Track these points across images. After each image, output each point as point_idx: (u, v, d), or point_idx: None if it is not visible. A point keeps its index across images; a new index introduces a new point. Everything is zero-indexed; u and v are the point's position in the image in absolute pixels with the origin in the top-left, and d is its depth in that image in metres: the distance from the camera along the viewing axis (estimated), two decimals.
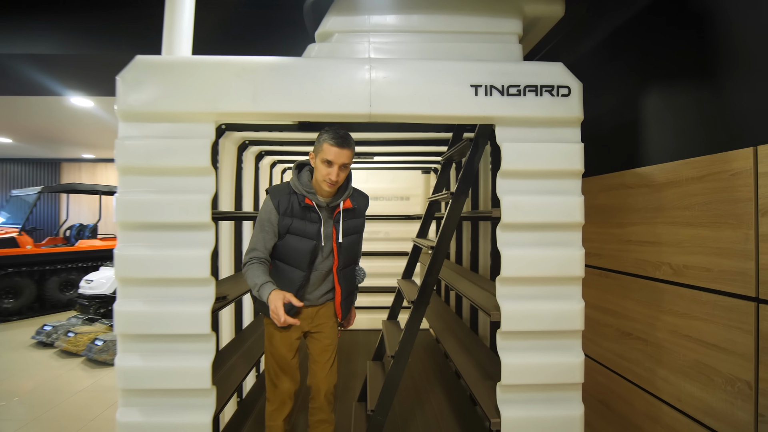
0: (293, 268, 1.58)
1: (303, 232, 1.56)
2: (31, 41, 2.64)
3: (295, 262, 1.58)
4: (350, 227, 1.66)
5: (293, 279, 1.58)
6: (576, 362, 1.53)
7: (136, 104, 1.45)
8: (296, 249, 1.57)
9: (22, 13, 2.64)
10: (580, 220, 1.54)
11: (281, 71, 1.46)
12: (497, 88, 1.49)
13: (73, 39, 2.65)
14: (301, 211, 1.56)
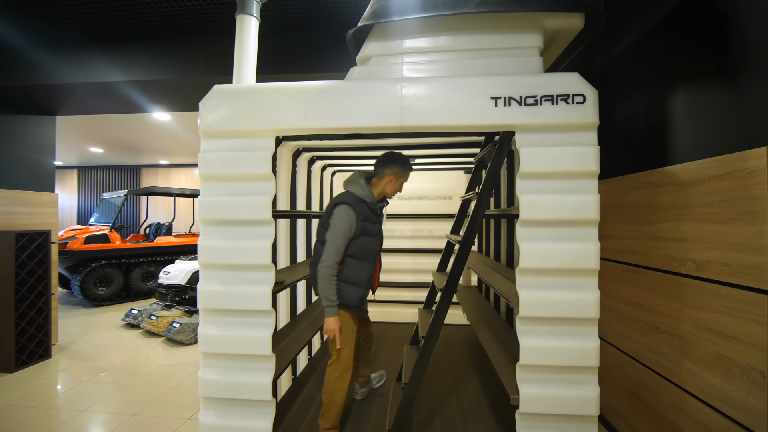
0: (365, 261, 1.99)
1: (371, 231, 1.99)
2: (129, 70, 3.21)
3: (367, 256, 1.99)
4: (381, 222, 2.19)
5: (365, 269, 1.99)
6: (591, 347, 1.65)
7: (213, 124, 1.82)
8: (366, 247, 1.97)
9: (121, 45, 3.22)
10: (596, 217, 1.66)
11: (326, 93, 1.75)
12: (515, 99, 1.66)
13: (161, 66, 3.18)
14: (370, 215, 1.99)
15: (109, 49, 3.23)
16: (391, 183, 2.05)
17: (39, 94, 3.53)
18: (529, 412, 1.69)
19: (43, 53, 3.29)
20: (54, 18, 2.79)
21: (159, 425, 2.61)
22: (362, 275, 1.96)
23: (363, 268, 1.97)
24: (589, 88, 1.64)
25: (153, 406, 2.90)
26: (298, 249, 3.18)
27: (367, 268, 1.98)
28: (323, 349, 3.45)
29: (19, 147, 3.85)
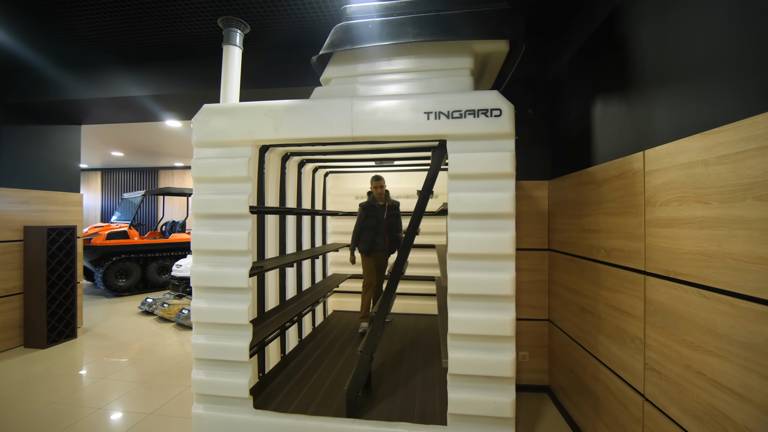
0: (371, 231, 3.70)
1: (372, 216, 3.71)
2: (142, 85, 3.69)
3: (371, 228, 3.71)
4: (390, 214, 3.75)
5: (369, 236, 3.70)
6: (507, 319, 1.99)
7: (203, 136, 2.24)
8: (371, 224, 3.70)
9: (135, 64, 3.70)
10: (511, 211, 1.99)
11: (292, 110, 2.14)
12: (444, 113, 2.02)
13: (169, 82, 3.65)
14: (371, 210, 3.71)
15: (125, 67, 3.72)
16: (372, 190, 3.74)
17: (66, 108, 4.06)
18: (457, 373, 2.03)
19: (68, 72, 3.80)
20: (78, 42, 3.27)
21: (165, 391, 3.06)
22: (369, 238, 3.69)
23: (368, 234, 3.69)
24: (506, 104, 1.98)
25: (161, 376, 3.35)
26: (287, 241, 3.58)
27: (371, 235, 3.68)
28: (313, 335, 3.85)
29: (50, 153, 4.40)
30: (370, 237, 3.65)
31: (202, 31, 3.09)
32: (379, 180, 3.69)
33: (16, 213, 3.99)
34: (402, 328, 4.01)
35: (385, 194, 3.72)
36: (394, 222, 3.78)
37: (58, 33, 3.14)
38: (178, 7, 2.72)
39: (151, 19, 2.91)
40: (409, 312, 4.57)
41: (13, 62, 3.70)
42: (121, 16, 2.87)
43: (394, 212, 3.78)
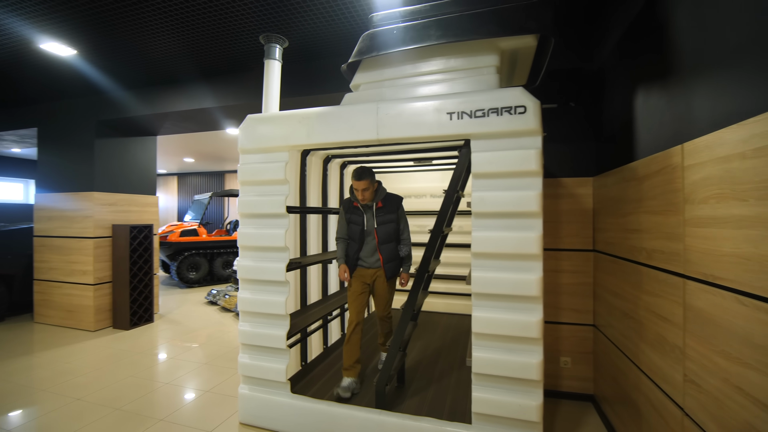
0: (353, 241, 2.65)
1: (355, 221, 2.63)
2: (202, 99, 4.13)
3: (353, 237, 2.64)
4: (384, 219, 2.62)
5: (353, 247, 2.64)
6: (533, 321, 1.95)
7: (247, 143, 2.47)
8: (353, 231, 2.64)
9: (196, 81, 4.14)
10: (537, 210, 1.95)
11: (323, 117, 2.29)
12: (467, 113, 2.03)
13: (225, 95, 4.04)
14: (354, 210, 2.65)
15: (189, 84, 4.19)
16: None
17: (143, 122, 4.66)
18: (481, 372, 2.04)
19: (143, 91, 4.36)
20: (149, 65, 3.76)
21: (222, 372, 3.41)
22: (352, 251, 2.66)
23: (352, 246, 2.67)
24: (530, 100, 1.94)
25: (220, 359, 3.73)
26: (329, 239, 3.77)
27: (355, 247, 2.64)
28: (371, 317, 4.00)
29: (132, 161, 5.08)
30: (353, 250, 2.62)
31: (251, 48, 3.38)
32: (361, 178, 2.48)
33: (106, 213, 4.68)
34: (443, 327, 4.02)
35: (373, 193, 2.57)
36: (389, 230, 2.59)
37: (133, 59, 3.63)
38: (229, 29, 3.02)
39: (208, 40, 3.26)
40: (452, 312, 4.55)
41: (102, 86, 4.35)
42: (183, 40, 3.25)
43: (389, 216, 2.59)
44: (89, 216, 4.54)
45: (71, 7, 2.76)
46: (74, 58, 3.60)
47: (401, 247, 2.70)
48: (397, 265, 2.68)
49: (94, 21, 2.96)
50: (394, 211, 2.64)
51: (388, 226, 2.62)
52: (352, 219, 2.63)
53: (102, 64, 3.79)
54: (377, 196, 2.61)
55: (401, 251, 2.69)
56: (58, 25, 3.00)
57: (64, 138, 4.83)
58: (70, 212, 4.65)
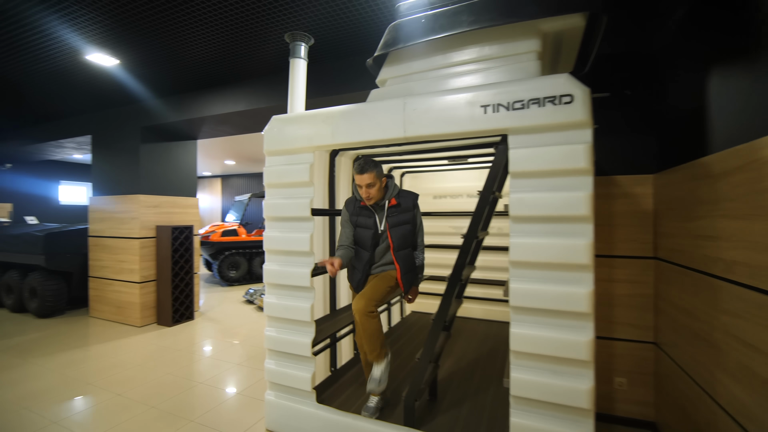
0: (363, 249, 2.31)
1: (365, 224, 2.28)
2: (236, 102, 4.18)
3: (363, 245, 2.30)
4: (399, 220, 2.28)
5: (363, 257, 2.31)
6: (583, 340, 1.70)
7: (271, 145, 2.41)
8: (361, 236, 2.30)
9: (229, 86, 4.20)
10: (587, 213, 1.70)
11: (346, 116, 2.17)
12: (503, 105, 1.81)
13: (256, 98, 4.06)
14: (361, 210, 2.29)
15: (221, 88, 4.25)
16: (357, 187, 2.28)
17: (183, 127, 4.82)
18: (520, 396, 1.82)
19: (181, 98, 4.50)
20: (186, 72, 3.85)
21: (253, 374, 3.42)
22: (360, 261, 2.33)
23: (360, 254, 2.33)
24: (578, 87, 1.69)
25: (253, 359, 3.76)
26: None
27: (364, 255, 2.30)
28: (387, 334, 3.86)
29: (174, 165, 5.29)
30: (362, 261, 2.26)
31: (280, 49, 3.34)
32: (364, 171, 2.15)
33: (151, 215, 4.90)
34: (481, 336, 3.78)
35: (381, 190, 2.22)
36: (405, 232, 2.23)
37: (170, 67, 3.74)
38: (257, 30, 3.00)
39: (238, 43, 3.26)
40: (491, 318, 4.29)
41: (143, 93, 4.55)
42: (215, 45, 3.28)
43: (404, 215, 2.24)
44: (135, 217, 4.77)
45: (114, 18, 2.86)
46: (117, 68, 3.77)
47: (417, 254, 2.37)
48: (414, 277, 2.34)
49: (134, 31, 3.06)
50: (411, 210, 2.30)
51: (403, 228, 2.25)
52: (360, 222, 2.27)
53: (142, 73, 3.94)
54: (388, 192, 2.29)
55: (417, 259, 2.36)
56: (102, 35, 3.12)
57: (113, 144, 5.13)
58: (119, 214, 4.92)
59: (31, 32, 3.09)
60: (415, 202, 2.35)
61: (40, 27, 2.99)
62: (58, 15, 2.79)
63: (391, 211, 2.27)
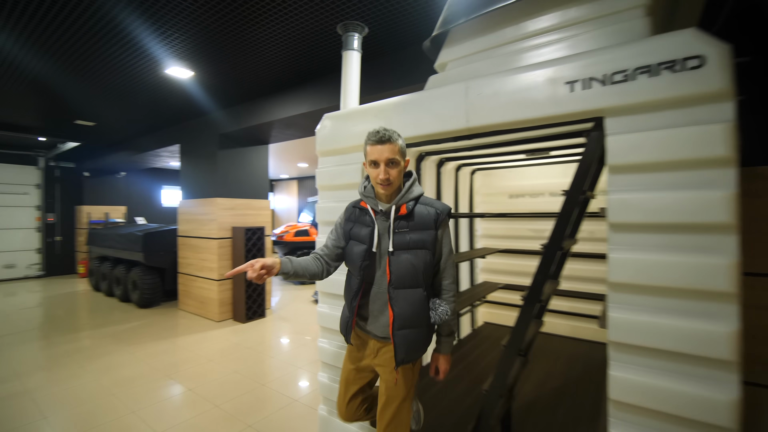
0: (352, 274, 1.58)
1: (358, 236, 1.54)
2: (298, 105, 4.18)
3: (352, 266, 1.56)
4: (409, 240, 1.46)
5: (351, 285, 1.57)
6: (722, 400, 1.22)
7: (323, 145, 2.25)
8: (353, 252, 1.54)
9: (292, 88, 4.22)
10: (729, 220, 1.21)
11: (401, 107, 1.90)
12: (597, 78, 1.39)
13: (318, 99, 4.01)
14: (360, 215, 1.58)
15: (286, 92, 4.29)
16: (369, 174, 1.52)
17: (254, 132, 5.02)
18: None
19: (251, 104, 4.66)
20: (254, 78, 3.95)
21: (313, 379, 3.35)
22: (348, 292, 1.61)
23: (349, 281, 1.62)
24: (712, 46, 1.21)
25: (314, 364, 3.71)
26: None
27: (353, 283, 1.58)
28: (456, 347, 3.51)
29: (248, 169, 5.56)
30: (350, 292, 1.58)
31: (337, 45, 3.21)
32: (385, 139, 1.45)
33: (227, 217, 5.19)
34: (566, 359, 3.22)
35: (400, 176, 1.50)
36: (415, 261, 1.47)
37: (239, 75, 3.85)
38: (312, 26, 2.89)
39: (296, 44, 3.21)
40: (580, 337, 3.66)
41: (221, 103, 4.81)
42: (276, 50, 3.28)
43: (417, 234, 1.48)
44: (214, 219, 5.09)
45: (191, 31, 2.98)
46: (192, 80, 4.00)
47: (438, 304, 1.50)
48: (423, 337, 1.51)
49: (208, 43, 3.17)
50: (430, 228, 1.46)
51: (413, 256, 1.45)
52: (355, 232, 1.56)
53: (213, 83, 4.14)
54: (402, 192, 1.50)
55: (436, 311, 1.49)
56: (181, 49, 3.29)
57: (196, 151, 5.56)
58: (200, 216, 5.30)
59: (126, 50, 3.37)
60: (441, 219, 1.49)
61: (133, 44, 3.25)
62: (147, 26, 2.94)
63: (398, 224, 1.48)
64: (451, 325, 1.63)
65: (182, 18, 2.78)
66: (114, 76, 3.93)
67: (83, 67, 3.69)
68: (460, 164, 3.92)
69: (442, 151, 3.12)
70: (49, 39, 3.12)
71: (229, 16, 2.77)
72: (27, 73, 3.85)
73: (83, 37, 3.09)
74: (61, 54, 3.41)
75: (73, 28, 2.95)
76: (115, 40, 3.13)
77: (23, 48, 3.29)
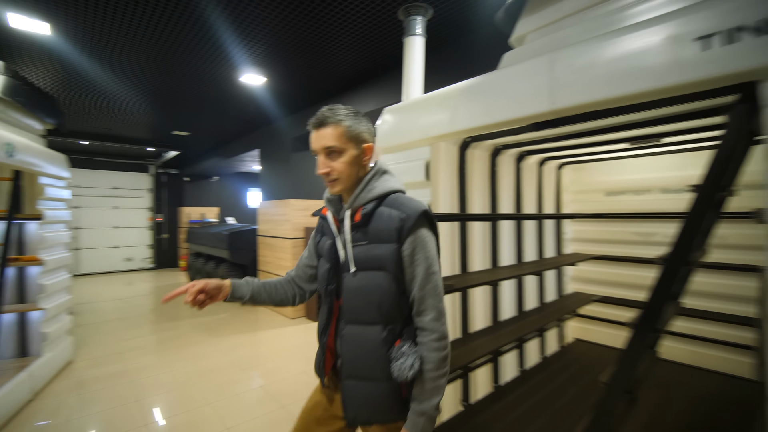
0: (322, 300, 1.23)
1: (323, 250, 1.22)
2: (367, 102, 4.09)
3: (320, 289, 1.23)
4: (366, 258, 1.10)
5: (321, 315, 1.23)
6: None
7: (384, 141, 2.08)
8: (320, 273, 1.22)
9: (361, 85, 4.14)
10: None
11: (470, 92, 1.64)
12: (748, 27, 0.99)
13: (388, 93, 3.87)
14: (324, 224, 1.26)
15: (353, 90, 4.23)
16: None
17: None
18: None
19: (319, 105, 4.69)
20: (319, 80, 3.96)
21: None
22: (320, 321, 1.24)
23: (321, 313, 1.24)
24: None
25: None
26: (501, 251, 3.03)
27: (321, 312, 1.23)
28: (541, 366, 3.11)
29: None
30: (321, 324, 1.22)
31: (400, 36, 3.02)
32: (322, 123, 1.12)
33: (300, 217, 5.36)
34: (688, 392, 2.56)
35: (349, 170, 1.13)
36: (371, 287, 1.09)
37: (308, 77, 3.89)
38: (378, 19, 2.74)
39: (365, 37, 3.10)
40: (705, 366, 2.94)
41: (292, 107, 4.96)
42: (346, 44, 3.21)
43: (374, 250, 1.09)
44: (288, 220, 5.29)
45: (264, 37, 3.07)
46: (264, 86, 4.16)
47: (403, 352, 1.05)
48: (384, 394, 1.10)
49: (278, 46, 3.24)
50: (392, 241, 1.08)
51: (368, 278, 1.10)
52: (321, 247, 1.25)
53: (283, 88, 4.26)
54: (358, 194, 1.14)
55: (397, 361, 1.05)
56: (255, 55, 3.43)
57: (272, 155, 5.85)
58: (276, 216, 5.56)
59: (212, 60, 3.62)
60: (406, 227, 1.06)
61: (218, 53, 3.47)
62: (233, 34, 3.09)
63: (355, 236, 1.13)
64: (426, 389, 1.04)
65: (259, 23, 2.85)
66: (201, 86, 4.26)
67: (178, 78, 4.06)
68: (544, 158, 3.46)
69: (522, 143, 2.75)
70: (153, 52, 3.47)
71: (299, 17, 2.77)
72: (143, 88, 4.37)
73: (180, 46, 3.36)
74: (161, 65, 3.78)
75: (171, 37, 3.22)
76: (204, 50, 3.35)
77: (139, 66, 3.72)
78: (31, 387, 2.92)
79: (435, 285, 1.08)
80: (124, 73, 3.81)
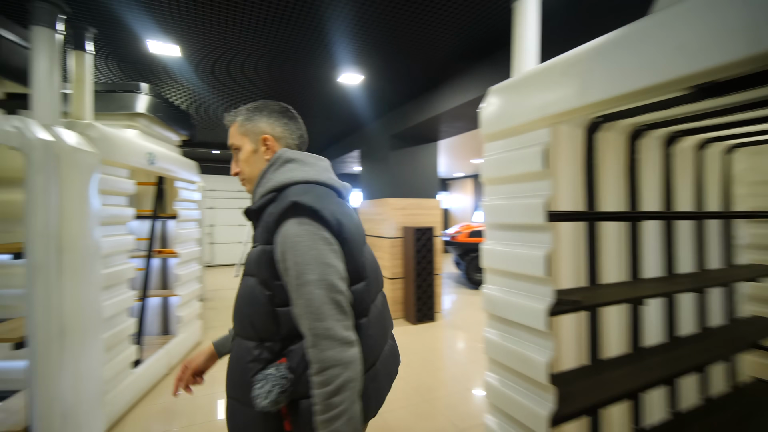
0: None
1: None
2: (468, 91, 3.75)
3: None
4: (248, 261, 0.99)
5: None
6: None
7: (490, 126, 1.77)
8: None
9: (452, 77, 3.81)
10: None
11: (605, 52, 1.24)
12: None
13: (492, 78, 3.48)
14: None
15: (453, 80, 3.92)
16: None
17: (421, 129, 4.89)
18: None
19: (417, 100, 4.51)
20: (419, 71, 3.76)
21: (479, 407, 2.88)
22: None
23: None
24: None
25: None
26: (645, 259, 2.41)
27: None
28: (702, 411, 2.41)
29: (417, 168, 5.51)
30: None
31: None
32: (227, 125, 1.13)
33: (398, 216, 5.26)
34: None
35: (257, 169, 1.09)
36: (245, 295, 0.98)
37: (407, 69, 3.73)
38: None
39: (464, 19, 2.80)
40: None
41: (389, 104, 4.87)
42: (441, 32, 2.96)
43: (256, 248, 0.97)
44: (386, 219, 5.24)
45: (361, 33, 3.03)
46: (362, 84, 4.13)
47: (269, 375, 0.88)
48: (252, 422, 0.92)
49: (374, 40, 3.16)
50: (264, 240, 0.94)
51: (243, 285, 1.00)
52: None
53: (381, 85, 4.17)
54: (256, 189, 1.07)
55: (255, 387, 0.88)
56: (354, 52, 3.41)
57: (371, 154, 5.88)
58: (375, 216, 5.57)
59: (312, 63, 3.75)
60: (273, 223, 0.93)
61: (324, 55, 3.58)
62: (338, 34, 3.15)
63: (254, 237, 1.02)
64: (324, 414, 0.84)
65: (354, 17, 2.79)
66: (305, 90, 4.47)
67: (286, 84, 4.33)
68: (705, 139, 2.66)
69: (673, 120, 2.12)
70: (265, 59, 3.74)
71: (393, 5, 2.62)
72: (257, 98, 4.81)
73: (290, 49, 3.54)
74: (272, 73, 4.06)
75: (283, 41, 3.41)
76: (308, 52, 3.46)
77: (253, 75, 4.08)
78: (168, 362, 3.39)
79: (309, 299, 0.86)
80: (240, 84, 4.19)
